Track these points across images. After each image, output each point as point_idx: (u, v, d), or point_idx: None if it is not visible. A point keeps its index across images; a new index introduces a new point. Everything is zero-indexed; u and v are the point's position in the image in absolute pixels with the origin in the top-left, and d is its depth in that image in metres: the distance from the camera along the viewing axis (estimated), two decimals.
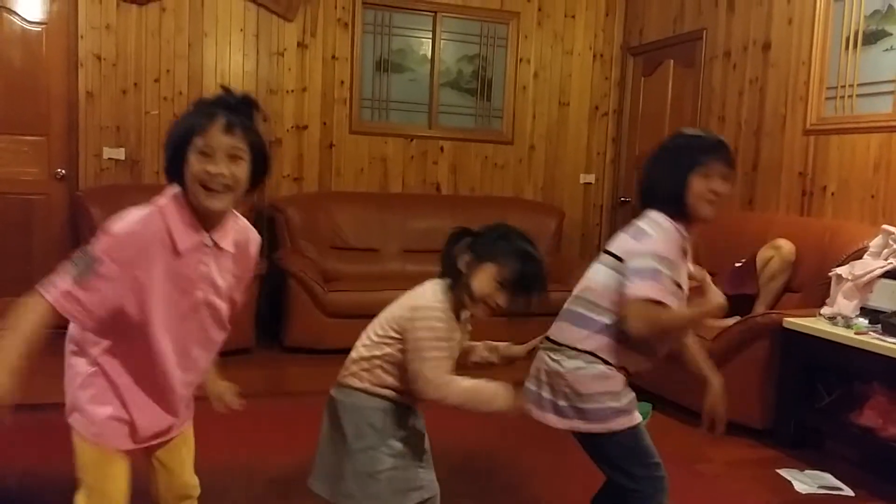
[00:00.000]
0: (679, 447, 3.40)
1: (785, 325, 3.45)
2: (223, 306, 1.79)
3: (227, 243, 1.74)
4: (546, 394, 2.03)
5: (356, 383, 1.90)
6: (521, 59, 6.05)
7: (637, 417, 2.03)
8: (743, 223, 4.55)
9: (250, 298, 4.64)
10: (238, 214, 1.80)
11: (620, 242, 2.03)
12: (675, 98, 5.67)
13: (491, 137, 6.03)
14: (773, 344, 3.52)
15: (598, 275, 2.04)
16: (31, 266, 4.99)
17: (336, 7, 5.55)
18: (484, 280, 1.83)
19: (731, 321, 3.72)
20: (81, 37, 5.00)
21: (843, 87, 4.25)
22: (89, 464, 1.75)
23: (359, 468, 1.86)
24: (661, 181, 2.02)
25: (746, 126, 4.95)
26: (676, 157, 2.02)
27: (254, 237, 1.86)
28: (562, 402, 2.01)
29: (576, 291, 2.09)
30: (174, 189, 1.67)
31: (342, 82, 5.63)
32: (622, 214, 6.21)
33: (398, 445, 1.89)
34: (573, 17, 6.15)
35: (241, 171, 1.63)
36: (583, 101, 6.24)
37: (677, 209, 1.99)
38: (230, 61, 5.36)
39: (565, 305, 2.10)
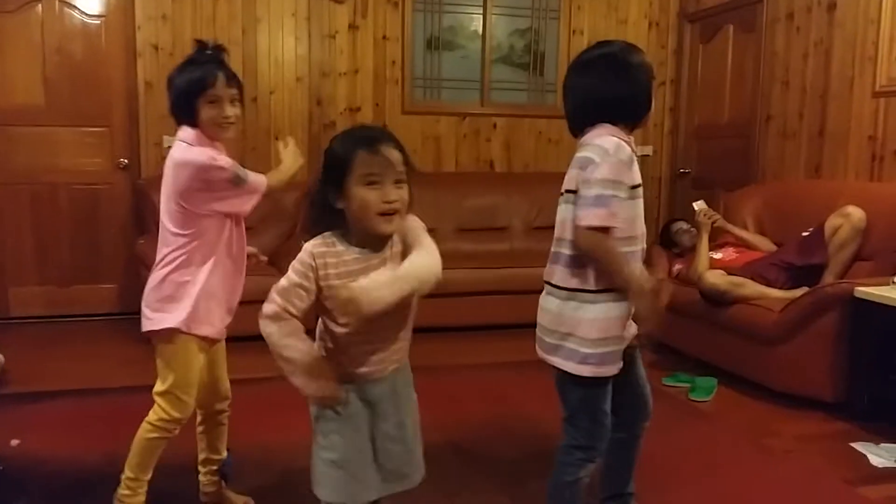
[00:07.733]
0: (746, 421, 3.33)
1: (856, 294, 3.31)
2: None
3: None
4: None
5: None
6: (574, 31, 5.93)
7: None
8: (810, 191, 4.39)
9: None
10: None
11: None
12: (736, 65, 5.49)
13: (545, 112, 5.94)
14: (844, 315, 3.39)
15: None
16: (97, 254, 5.14)
17: None
18: (354, 195, 1.62)
19: (799, 292, 3.61)
20: (139, 28, 5.09)
21: None
22: None
23: None
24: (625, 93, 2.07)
25: (812, 90, 4.76)
26: (638, 72, 2.09)
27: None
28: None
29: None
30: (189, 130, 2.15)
31: (393, 62, 5.62)
32: (681, 186, 6.06)
33: None
34: None
35: (239, 110, 2.21)
36: None
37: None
38: (283, 46, 5.40)
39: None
